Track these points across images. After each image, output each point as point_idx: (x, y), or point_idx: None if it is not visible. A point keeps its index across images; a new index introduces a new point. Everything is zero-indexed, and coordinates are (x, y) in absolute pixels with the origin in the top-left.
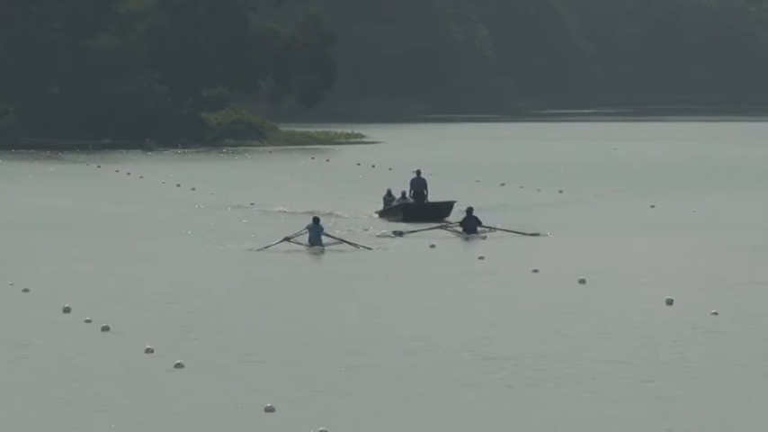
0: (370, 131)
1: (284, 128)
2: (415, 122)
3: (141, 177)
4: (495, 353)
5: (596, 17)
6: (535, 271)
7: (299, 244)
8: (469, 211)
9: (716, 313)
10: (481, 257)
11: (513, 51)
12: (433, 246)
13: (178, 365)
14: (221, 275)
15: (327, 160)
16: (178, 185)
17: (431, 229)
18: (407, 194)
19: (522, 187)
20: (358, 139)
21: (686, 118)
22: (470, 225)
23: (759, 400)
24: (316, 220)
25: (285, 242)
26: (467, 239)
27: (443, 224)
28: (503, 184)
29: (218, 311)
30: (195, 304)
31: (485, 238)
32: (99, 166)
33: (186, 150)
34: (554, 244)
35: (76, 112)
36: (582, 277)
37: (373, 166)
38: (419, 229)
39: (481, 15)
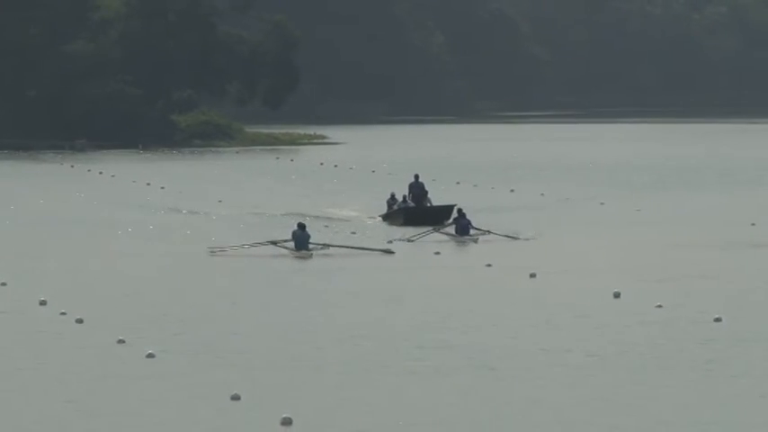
0: (332, 132)
1: (250, 129)
2: (374, 124)
3: (113, 176)
4: (447, 342)
5: (547, 24)
6: (488, 265)
7: (285, 248)
8: (460, 212)
9: (660, 306)
10: (437, 252)
11: (469, 56)
12: (410, 241)
13: (149, 355)
14: (192, 272)
15: (292, 160)
16: (148, 184)
17: (424, 233)
18: (407, 198)
19: (475, 186)
20: (320, 140)
21: (633, 119)
22: (463, 225)
23: (697, 388)
24: (301, 226)
25: (271, 245)
26: (460, 242)
27: (436, 227)
28: (458, 183)
29: (188, 305)
30: (166, 298)
31: (476, 241)
32: (72, 166)
33: (145, 151)
34: (505, 240)
35: (52, 113)
36: (532, 272)
37: (336, 166)
38: (416, 233)
39: (437, 22)
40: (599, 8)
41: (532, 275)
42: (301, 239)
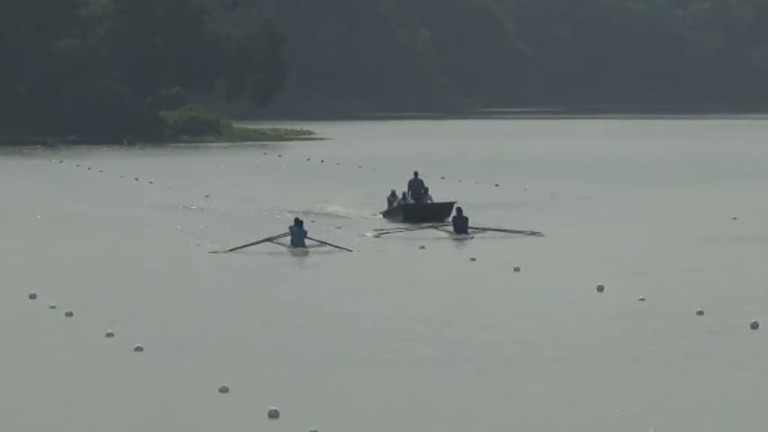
0: (319, 128)
1: (238, 125)
2: (360, 120)
3: (101, 172)
4: (428, 334)
5: (531, 21)
6: (473, 260)
7: (282, 245)
8: (459, 211)
9: (643, 299)
10: (422, 247)
11: (454, 53)
12: (422, 247)
13: (137, 349)
14: (182, 267)
15: (279, 155)
16: (137, 179)
17: (422, 229)
18: (407, 195)
19: (459, 181)
20: (307, 136)
21: (617, 116)
22: (460, 224)
23: (677, 380)
24: (298, 222)
25: (267, 242)
26: (457, 239)
27: (434, 224)
28: (443, 178)
29: (177, 299)
30: (155, 293)
31: (472, 238)
32: (61, 162)
33: (131, 146)
34: (488, 235)
35: (42, 110)
36: (517, 266)
37: (322, 161)
38: (413, 229)
39: (422, 19)
40: (583, 5)
41: (516, 269)
42: (298, 235)
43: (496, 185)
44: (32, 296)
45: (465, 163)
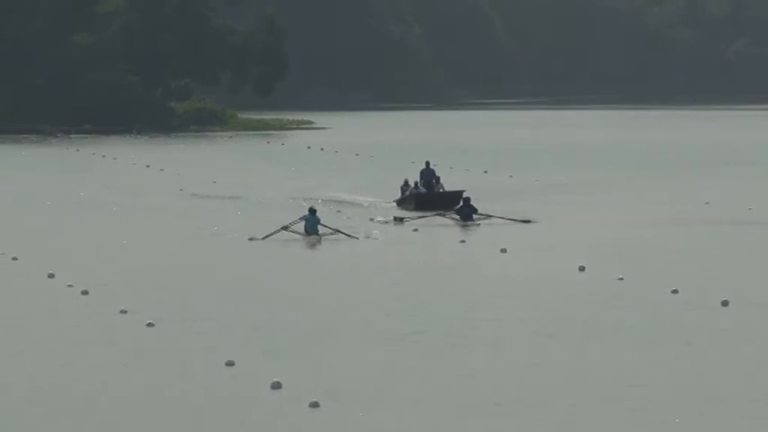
0: (318, 118)
1: (242, 115)
2: (358, 110)
3: (115, 159)
4: (418, 312)
5: (519, 17)
6: (462, 242)
7: (296, 233)
8: (466, 199)
9: (621, 278)
10: (415, 229)
11: (445, 47)
12: (416, 230)
13: (149, 324)
14: (193, 249)
15: (282, 144)
16: (148, 166)
17: (431, 215)
18: (419, 184)
19: (451, 168)
20: (307, 126)
21: (598, 106)
22: (466, 213)
23: (652, 355)
24: (312, 210)
25: (282, 231)
26: (464, 226)
27: (441, 212)
28: (435, 165)
29: (188, 279)
30: (168, 272)
31: (479, 225)
32: (78, 150)
33: (141, 135)
34: (480, 221)
35: (59, 101)
36: (503, 247)
37: (322, 149)
38: (422, 216)
39: (416, 16)
40: (567, 2)
41: (503, 251)
42: (312, 223)
43: (485, 172)
44: (51, 275)
45: (456, 151)
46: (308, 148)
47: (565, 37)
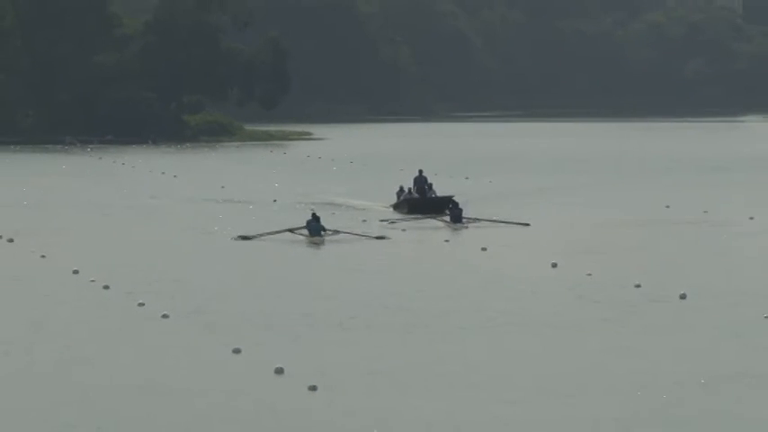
0: (317, 130)
1: (249, 127)
2: (352, 123)
3: (133, 167)
4: (401, 304)
5: (496, 39)
6: (446, 241)
7: (302, 235)
8: (454, 203)
9: (590, 274)
10: (403, 230)
11: (432, 66)
12: (403, 230)
13: (164, 316)
14: (207, 249)
15: (285, 153)
16: (163, 173)
17: (424, 218)
18: (412, 190)
19: (435, 174)
20: (307, 137)
21: (568, 119)
22: (456, 215)
23: (614, 341)
24: (315, 216)
25: (287, 232)
26: (453, 228)
27: (433, 215)
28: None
29: (200, 275)
30: (182, 270)
31: (467, 227)
32: (100, 158)
33: (156, 145)
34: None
35: (83, 114)
36: (484, 246)
37: (320, 158)
38: (415, 218)
39: (405, 38)
40: (540, 25)
41: (484, 249)
42: (315, 227)
43: (466, 178)
44: (75, 272)
45: (441, 158)
46: (308, 156)
47: (539, 56)
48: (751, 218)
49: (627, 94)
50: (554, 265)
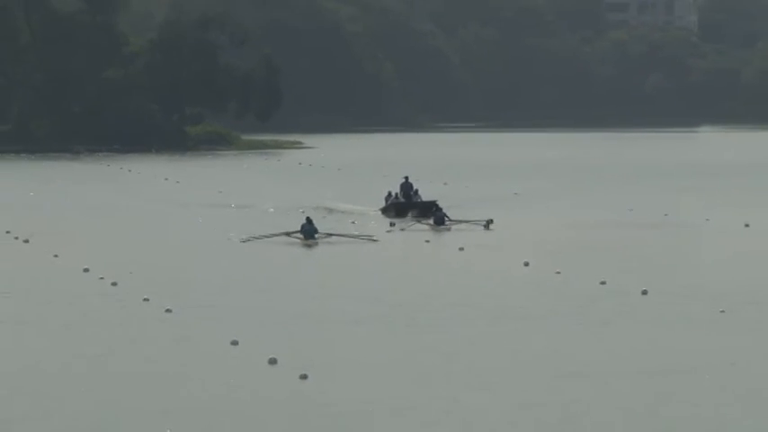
0: (307, 139)
1: (245, 137)
2: (340, 133)
3: (139, 173)
4: (382, 298)
5: (472, 56)
6: (427, 241)
7: (297, 238)
8: (437, 207)
9: (559, 272)
10: (389, 231)
11: (412, 81)
12: (389, 231)
13: (167, 310)
14: (209, 249)
15: (278, 160)
16: (166, 179)
17: (410, 221)
18: (399, 195)
19: (417, 180)
20: (299, 146)
21: (538, 130)
22: (439, 217)
23: (580, 333)
24: (309, 220)
25: (284, 235)
26: (436, 231)
27: (419, 219)
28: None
29: (200, 272)
30: (186, 269)
31: (449, 229)
32: (108, 165)
33: (159, 153)
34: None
35: (93, 125)
36: (461, 246)
37: (310, 165)
38: (402, 220)
39: (387, 55)
40: (512, 43)
41: (461, 249)
42: (309, 231)
43: (445, 184)
44: (86, 270)
45: (421, 165)
46: (300, 163)
47: (511, 72)
48: (707, 219)
49: (592, 106)
50: (526, 264)
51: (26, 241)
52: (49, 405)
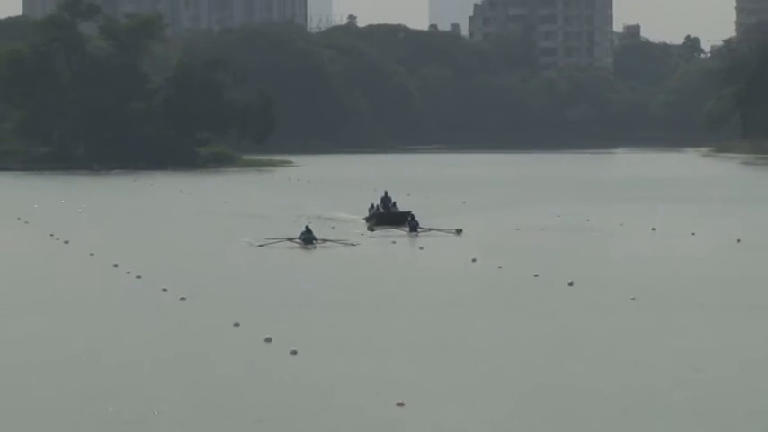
0: (296, 159)
1: (245, 156)
2: (323, 154)
3: (161, 186)
4: (357, 289)
5: (430, 91)
6: (393, 243)
7: (298, 243)
8: (411, 216)
9: (501, 267)
10: (371, 236)
11: (383, 110)
12: (372, 236)
13: (182, 298)
14: (221, 250)
15: (272, 176)
16: (180, 191)
17: (389, 228)
18: (379, 207)
19: (385, 191)
20: (289, 164)
21: (485, 151)
22: (413, 225)
23: (512, 321)
24: (308, 229)
25: (287, 241)
26: (410, 236)
27: (396, 227)
28: (375, 190)
29: (213, 269)
30: (201, 265)
31: (417, 235)
32: (135, 180)
33: (175, 171)
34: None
35: (119, 147)
36: (421, 246)
37: (299, 180)
38: (382, 227)
39: (361, 90)
40: (463, 81)
41: (421, 248)
42: (308, 237)
43: (408, 195)
44: (115, 265)
45: (389, 180)
46: (290, 179)
47: (462, 104)
48: (621, 224)
49: (527, 131)
50: (474, 260)
51: (66, 242)
52: (75, 372)
